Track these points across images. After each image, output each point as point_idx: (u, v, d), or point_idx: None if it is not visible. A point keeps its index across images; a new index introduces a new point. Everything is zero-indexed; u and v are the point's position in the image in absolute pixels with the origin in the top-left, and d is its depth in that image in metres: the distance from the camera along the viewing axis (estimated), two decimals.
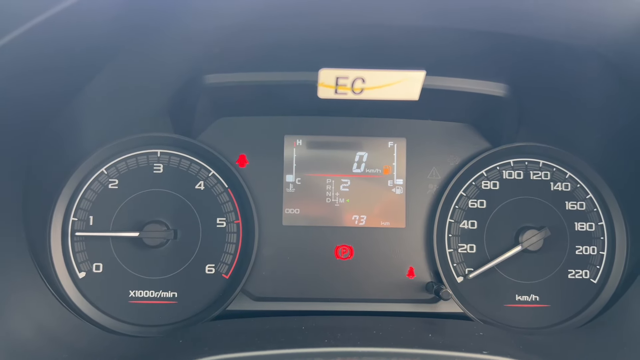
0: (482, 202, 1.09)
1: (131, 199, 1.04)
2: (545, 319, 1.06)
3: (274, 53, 0.86)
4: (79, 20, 0.63)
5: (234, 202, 1.06)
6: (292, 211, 1.07)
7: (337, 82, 0.73)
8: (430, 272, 1.06)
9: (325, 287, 1.05)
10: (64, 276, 1.00)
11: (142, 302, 1.03)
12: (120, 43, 0.76)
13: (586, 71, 0.84)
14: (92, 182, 1.03)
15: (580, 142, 1.07)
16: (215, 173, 1.06)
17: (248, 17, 0.73)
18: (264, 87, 0.94)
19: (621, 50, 0.74)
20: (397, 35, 0.77)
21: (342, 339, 0.78)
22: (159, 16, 0.71)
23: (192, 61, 0.89)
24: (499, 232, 1.08)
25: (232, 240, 1.05)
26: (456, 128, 1.09)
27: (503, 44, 0.80)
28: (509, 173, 1.09)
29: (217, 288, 1.04)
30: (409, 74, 0.73)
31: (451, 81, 0.94)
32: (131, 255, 1.03)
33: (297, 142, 1.08)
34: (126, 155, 1.05)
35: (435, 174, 1.08)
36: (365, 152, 1.08)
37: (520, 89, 0.95)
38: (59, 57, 0.69)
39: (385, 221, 1.07)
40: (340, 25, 0.74)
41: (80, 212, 1.03)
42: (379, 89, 0.73)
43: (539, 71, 0.88)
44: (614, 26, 0.69)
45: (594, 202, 1.09)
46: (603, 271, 1.07)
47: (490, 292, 1.07)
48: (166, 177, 1.05)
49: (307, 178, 1.07)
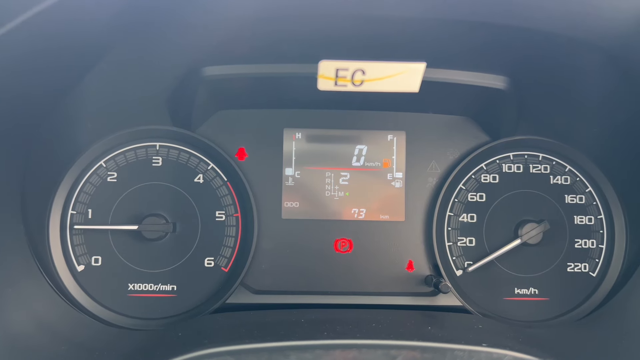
0: (481, 196, 1.09)
1: (130, 192, 1.04)
2: (545, 312, 1.06)
3: (274, 45, 0.85)
4: (78, 12, 0.62)
5: (233, 195, 1.06)
6: (292, 204, 1.06)
7: (337, 74, 0.73)
8: (429, 266, 1.07)
9: (325, 280, 1.05)
10: (62, 269, 1.00)
11: (141, 295, 1.03)
12: (119, 36, 0.76)
13: (586, 64, 0.84)
14: (90, 175, 1.03)
15: (579, 135, 1.07)
16: (214, 166, 1.06)
17: (248, 9, 0.73)
18: (263, 79, 0.94)
19: (621, 43, 0.74)
20: (398, 27, 0.77)
21: (341, 332, 0.78)
22: (158, 9, 0.71)
23: (190, 53, 0.88)
24: (499, 226, 1.08)
25: (231, 234, 1.05)
26: (456, 121, 1.09)
27: (503, 36, 0.80)
28: (509, 166, 1.09)
29: (216, 281, 1.04)
30: (409, 66, 0.73)
31: (451, 73, 0.94)
32: (130, 249, 1.03)
33: (297, 135, 1.07)
34: (125, 148, 1.04)
35: (435, 168, 1.08)
36: (364, 145, 1.08)
37: (521, 82, 0.95)
38: (58, 50, 0.69)
39: (385, 214, 1.07)
40: (341, 17, 0.74)
41: (79, 205, 1.03)
42: (379, 81, 0.73)
43: (539, 64, 0.88)
44: (614, 19, 0.69)
45: (593, 195, 1.09)
46: (602, 264, 1.07)
47: (489, 285, 1.07)
48: (165, 170, 1.05)
49: (306, 171, 1.07)
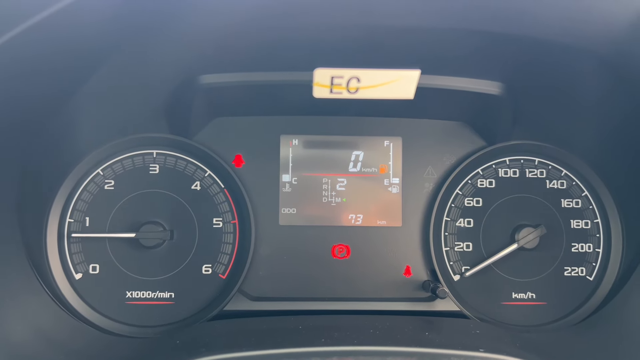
0: (478, 201, 1.09)
1: (127, 200, 1.04)
2: (542, 316, 1.06)
3: (270, 53, 0.85)
4: (76, 20, 0.63)
5: (231, 202, 1.06)
6: (289, 211, 1.07)
7: (332, 81, 0.73)
8: (426, 271, 1.07)
9: (323, 286, 1.05)
10: (60, 277, 1.00)
11: (139, 302, 1.03)
12: (116, 43, 0.76)
13: (582, 69, 0.84)
14: (88, 183, 1.03)
15: (575, 140, 1.07)
16: (212, 173, 1.06)
17: (243, 17, 0.73)
18: (260, 87, 0.94)
19: (617, 48, 0.74)
20: (392, 35, 0.77)
21: (339, 338, 0.78)
22: (155, 16, 0.71)
23: (187, 61, 0.88)
24: (495, 230, 1.08)
25: (228, 241, 1.05)
26: (452, 127, 1.09)
27: (498, 43, 0.80)
28: (505, 171, 1.10)
29: (214, 288, 1.04)
30: (403, 73, 0.73)
31: (446, 80, 0.94)
32: (128, 256, 1.03)
33: (293, 142, 1.08)
34: (122, 156, 1.05)
35: (432, 173, 1.08)
36: (361, 151, 1.08)
37: (516, 87, 0.96)
38: (55, 58, 0.69)
39: (382, 220, 1.07)
40: (336, 25, 0.74)
41: (76, 214, 1.03)
42: (374, 88, 0.73)
43: (534, 69, 0.89)
44: (609, 24, 0.69)
45: (589, 199, 1.09)
46: (599, 268, 1.07)
47: (486, 290, 1.07)
48: (162, 178, 1.05)
49: (303, 178, 1.07)
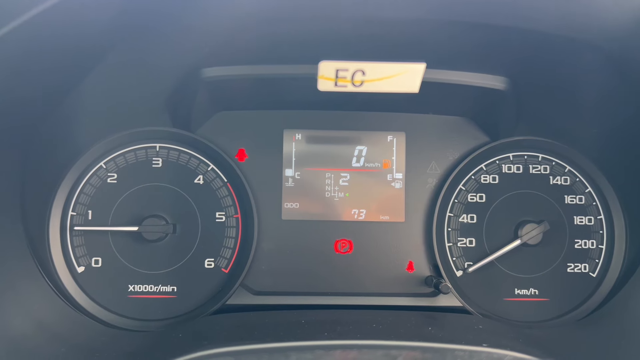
0: (481, 196, 1.09)
1: (130, 193, 1.04)
2: (545, 312, 1.06)
3: (274, 46, 0.85)
4: (78, 14, 0.62)
5: (233, 196, 1.06)
6: (292, 205, 1.06)
7: (337, 74, 0.73)
8: (429, 266, 1.07)
9: (325, 281, 1.05)
10: (63, 271, 1.00)
11: (141, 296, 1.03)
12: (118, 37, 0.76)
13: (585, 64, 0.84)
14: (90, 177, 1.03)
15: (579, 136, 1.07)
16: (214, 167, 1.06)
17: (247, 10, 0.73)
18: (263, 80, 0.94)
19: (620, 43, 0.74)
20: (398, 28, 0.77)
21: (341, 333, 0.78)
22: (158, 10, 0.71)
23: (190, 54, 0.88)
24: (498, 226, 1.08)
25: (231, 235, 1.05)
26: (455, 122, 1.09)
27: (502, 37, 0.80)
28: (508, 167, 1.09)
29: (216, 282, 1.04)
30: (409, 66, 0.73)
31: (451, 74, 0.94)
32: (130, 250, 1.03)
33: (297, 137, 1.07)
34: (125, 149, 1.04)
35: (435, 168, 1.08)
36: (364, 146, 1.08)
37: (520, 83, 0.95)
38: (58, 51, 0.69)
39: (385, 215, 1.07)
40: (340, 18, 0.74)
41: (79, 207, 1.03)
42: (379, 82, 0.73)
43: (539, 64, 0.88)
44: (613, 19, 0.69)
45: (593, 196, 1.09)
46: (602, 265, 1.07)
47: (489, 285, 1.07)
48: (165, 171, 1.05)
49: (306, 172, 1.07)
